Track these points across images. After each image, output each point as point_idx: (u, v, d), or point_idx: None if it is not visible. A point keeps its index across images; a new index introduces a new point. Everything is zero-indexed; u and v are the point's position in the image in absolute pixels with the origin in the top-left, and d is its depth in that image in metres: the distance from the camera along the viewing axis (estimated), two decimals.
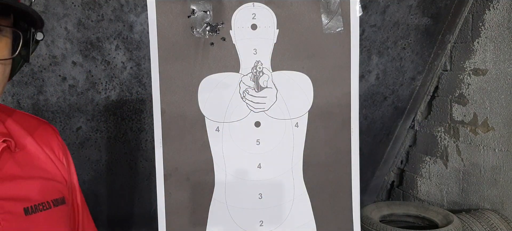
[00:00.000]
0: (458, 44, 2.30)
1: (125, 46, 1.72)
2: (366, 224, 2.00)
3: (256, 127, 1.02)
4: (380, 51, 2.18)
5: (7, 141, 0.72)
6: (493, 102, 2.12)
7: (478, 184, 2.24)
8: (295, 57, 1.01)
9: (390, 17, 2.06)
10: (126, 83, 1.81)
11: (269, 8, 1.00)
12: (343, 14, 1.02)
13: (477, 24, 2.17)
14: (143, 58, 1.77)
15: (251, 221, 1.03)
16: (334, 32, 1.02)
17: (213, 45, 0.99)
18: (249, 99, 1.01)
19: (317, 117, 1.03)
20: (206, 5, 0.99)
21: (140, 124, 1.95)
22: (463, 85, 2.29)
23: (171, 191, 1.00)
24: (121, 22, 1.66)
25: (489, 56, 2.12)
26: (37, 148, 0.78)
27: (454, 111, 2.36)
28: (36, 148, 0.78)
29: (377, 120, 2.49)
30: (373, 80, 2.28)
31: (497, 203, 2.14)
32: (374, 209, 2.20)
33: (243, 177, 1.02)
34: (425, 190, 2.60)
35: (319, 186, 1.04)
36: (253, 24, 1.00)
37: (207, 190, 1.01)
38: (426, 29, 2.21)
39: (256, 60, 1.01)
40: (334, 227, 1.05)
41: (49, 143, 0.81)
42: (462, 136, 2.32)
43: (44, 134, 0.82)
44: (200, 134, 1.00)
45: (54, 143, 0.82)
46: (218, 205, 1.02)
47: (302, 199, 1.04)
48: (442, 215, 2.10)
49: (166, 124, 0.99)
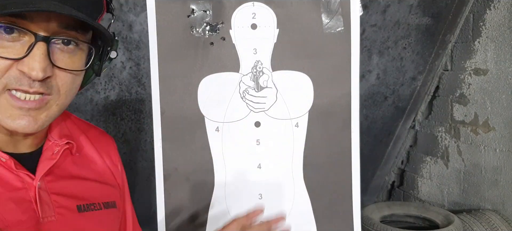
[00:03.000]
0: (459, 44, 2.30)
1: (125, 46, 1.71)
2: (367, 225, 2.00)
3: (256, 127, 1.01)
4: (381, 51, 2.18)
5: (69, 143, 0.79)
6: (494, 102, 2.11)
7: (479, 184, 2.24)
8: (295, 57, 1.00)
9: (390, 16, 2.05)
10: (125, 83, 1.81)
11: (269, 8, 1.00)
12: (343, 13, 1.01)
13: (478, 24, 2.16)
14: (143, 58, 1.76)
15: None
16: (334, 32, 1.01)
17: (212, 45, 0.98)
18: (249, 99, 1.00)
19: (317, 117, 1.02)
20: (206, 5, 0.98)
21: (140, 123, 1.95)
22: (464, 85, 2.28)
23: (171, 191, 0.99)
24: (120, 21, 1.65)
25: (490, 56, 2.11)
26: (95, 153, 0.86)
27: (455, 111, 2.35)
28: (94, 153, 0.86)
29: (377, 120, 2.49)
30: (373, 80, 2.28)
31: (498, 203, 2.13)
32: (374, 209, 2.20)
33: (243, 177, 1.02)
34: (426, 190, 2.60)
35: (319, 186, 1.04)
36: (253, 24, 1.00)
37: (206, 190, 1.01)
38: (427, 29, 2.21)
39: (256, 60, 1.00)
40: (334, 227, 1.05)
41: (108, 151, 0.90)
42: (463, 136, 2.31)
43: (103, 142, 0.90)
44: (199, 134, 1.00)
45: (112, 151, 0.91)
46: (218, 205, 1.01)
47: (302, 199, 1.04)
48: (442, 216, 2.10)
49: (165, 123, 0.98)
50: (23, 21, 0.62)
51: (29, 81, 0.64)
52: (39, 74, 0.62)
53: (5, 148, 0.71)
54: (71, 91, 0.70)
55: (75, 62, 0.69)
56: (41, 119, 0.67)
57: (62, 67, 0.67)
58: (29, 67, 0.62)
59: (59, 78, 0.67)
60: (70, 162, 0.80)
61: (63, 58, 0.67)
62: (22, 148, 0.73)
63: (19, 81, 0.63)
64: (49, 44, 0.64)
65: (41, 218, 0.69)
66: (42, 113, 0.67)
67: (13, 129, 0.66)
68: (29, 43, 0.63)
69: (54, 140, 0.77)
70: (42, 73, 0.63)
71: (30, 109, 0.65)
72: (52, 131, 0.78)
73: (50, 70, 0.65)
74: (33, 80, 0.63)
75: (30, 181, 0.70)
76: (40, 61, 0.62)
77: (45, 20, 0.63)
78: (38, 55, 0.62)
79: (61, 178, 0.76)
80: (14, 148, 0.72)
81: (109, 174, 0.87)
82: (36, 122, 0.66)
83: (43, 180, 0.72)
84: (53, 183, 0.74)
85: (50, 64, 0.64)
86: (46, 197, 0.71)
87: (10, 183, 0.68)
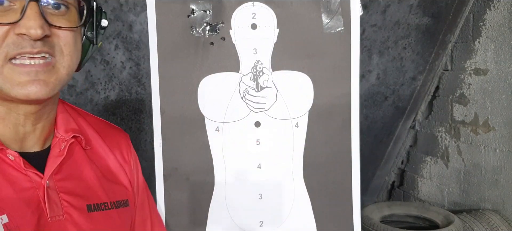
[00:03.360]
0: (459, 44, 2.30)
1: (125, 46, 1.71)
2: (367, 225, 2.00)
3: (256, 127, 1.01)
4: (381, 51, 2.18)
5: (77, 136, 0.78)
6: (494, 102, 2.11)
7: (479, 184, 2.24)
8: (295, 57, 1.00)
9: (390, 16, 2.05)
10: (125, 83, 1.81)
11: (269, 8, 1.00)
12: (343, 13, 1.01)
13: (478, 24, 2.16)
14: (143, 58, 1.76)
15: (251, 221, 1.02)
16: (334, 32, 1.01)
17: (213, 45, 0.98)
18: (249, 99, 1.00)
19: (317, 117, 1.02)
20: (206, 5, 0.98)
21: (140, 124, 1.95)
22: (464, 85, 2.28)
23: (171, 191, 0.99)
24: (120, 21, 1.65)
25: (490, 56, 2.11)
26: (106, 150, 0.85)
27: (455, 111, 2.35)
28: (105, 149, 0.84)
29: (377, 120, 2.49)
30: (373, 80, 2.28)
31: (498, 203, 2.13)
32: (374, 209, 2.19)
33: (243, 177, 1.02)
34: (426, 190, 2.59)
35: (319, 186, 1.04)
36: (253, 24, 1.00)
37: (206, 190, 1.01)
38: (427, 29, 2.20)
39: (256, 60, 1.00)
40: (335, 227, 1.05)
41: (119, 146, 0.88)
42: (463, 136, 2.31)
43: (114, 137, 0.88)
44: (199, 134, 1.00)
45: (124, 147, 0.89)
46: (218, 205, 1.01)
47: (302, 199, 1.03)
48: (443, 216, 2.09)
49: (165, 124, 0.98)
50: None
51: (31, 42, 0.64)
52: (38, 31, 0.63)
53: (13, 145, 0.70)
54: (74, 52, 0.71)
55: (70, 21, 0.70)
56: (52, 82, 0.67)
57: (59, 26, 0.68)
58: (27, 27, 0.63)
59: (59, 38, 0.68)
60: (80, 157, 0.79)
61: (57, 19, 0.68)
62: (29, 146, 0.73)
63: (20, 46, 0.64)
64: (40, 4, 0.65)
65: (49, 218, 0.69)
66: (52, 77, 0.67)
67: (25, 96, 0.65)
68: (21, 6, 0.64)
69: (61, 135, 0.77)
70: (41, 30, 0.64)
71: (38, 73, 0.65)
72: (58, 127, 0.78)
73: (48, 28, 0.65)
74: (34, 40, 0.64)
75: (39, 180, 0.70)
76: (35, 19, 0.63)
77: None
78: (32, 15, 0.63)
79: (71, 177, 0.75)
80: (21, 146, 0.72)
81: (120, 172, 0.86)
82: (47, 85, 0.66)
83: (52, 179, 0.72)
84: (62, 182, 0.73)
85: (46, 23, 0.65)
86: (55, 196, 0.71)
87: (19, 183, 0.68)
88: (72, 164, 0.77)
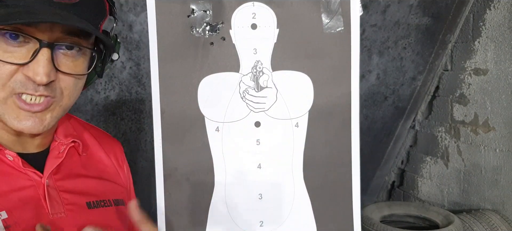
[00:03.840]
0: (459, 44, 2.30)
1: (125, 46, 1.71)
2: (367, 225, 2.00)
3: (256, 127, 1.01)
4: (381, 51, 2.18)
5: (75, 142, 0.82)
6: (494, 102, 2.11)
7: (479, 184, 2.24)
8: (295, 57, 1.00)
9: (390, 16, 2.05)
10: (125, 83, 1.81)
11: (269, 8, 1.00)
12: (343, 13, 1.01)
13: (478, 24, 2.16)
14: (143, 58, 1.76)
15: (251, 221, 1.02)
16: (334, 32, 1.01)
17: (213, 45, 0.98)
18: (249, 99, 1.00)
19: (317, 117, 1.02)
20: (206, 5, 0.98)
21: (140, 124, 1.95)
22: (464, 85, 2.28)
23: (171, 191, 0.99)
24: (120, 21, 1.65)
25: (490, 56, 2.11)
26: (103, 154, 0.89)
27: (454, 111, 2.35)
28: (102, 154, 0.89)
29: (377, 120, 2.49)
30: (373, 80, 2.28)
31: (498, 203, 2.13)
32: (374, 209, 2.20)
33: (243, 177, 1.02)
34: (426, 190, 2.59)
35: (319, 186, 1.04)
36: (253, 24, 1.00)
37: (207, 190, 1.00)
38: (427, 29, 2.21)
39: (256, 60, 1.00)
40: (335, 227, 1.05)
41: (115, 152, 0.93)
42: (462, 136, 2.31)
43: (110, 144, 0.94)
44: (199, 134, 1.00)
45: (119, 154, 0.95)
46: (218, 205, 1.01)
47: (302, 199, 1.03)
48: (442, 216, 2.09)
49: (165, 124, 0.98)
50: (28, 28, 0.64)
51: (34, 86, 0.66)
52: (44, 79, 0.65)
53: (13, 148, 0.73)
54: (74, 93, 0.74)
55: (78, 66, 0.72)
56: (46, 119, 0.70)
57: (65, 72, 0.70)
58: (34, 72, 0.65)
59: (63, 82, 0.70)
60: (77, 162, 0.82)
61: (66, 62, 0.70)
62: (30, 148, 0.76)
63: (24, 86, 0.66)
64: (53, 49, 0.67)
65: (51, 215, 0.71)
66: (46, 115, 0.70)
67: (20, 130, 0.69)
68: (34, 48, 0.65)
69: (60, 139, 0.80)
70: (46, 78, 0.66)
71: (35, 112, 0.68)
72: (58, 132, 0.81)
73: (54, 74, 0.68)
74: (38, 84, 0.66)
75: (38, 179, 0.72)
76: (44, 66, 0.65)
77: (49, 27, 0.66)
78: (42, 61, 0.65)
79: (69, 177, 0.78)
80: (22, 148, 0.74)
81: (116, 173, 0.90)
82: (41, 122, 0.69)
83: (51, 178, 0.74)
84: (62, 181, 0.76)
85: (53, 69, 0.67)
86: (55, 194, 0.73)
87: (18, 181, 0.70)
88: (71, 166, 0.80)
